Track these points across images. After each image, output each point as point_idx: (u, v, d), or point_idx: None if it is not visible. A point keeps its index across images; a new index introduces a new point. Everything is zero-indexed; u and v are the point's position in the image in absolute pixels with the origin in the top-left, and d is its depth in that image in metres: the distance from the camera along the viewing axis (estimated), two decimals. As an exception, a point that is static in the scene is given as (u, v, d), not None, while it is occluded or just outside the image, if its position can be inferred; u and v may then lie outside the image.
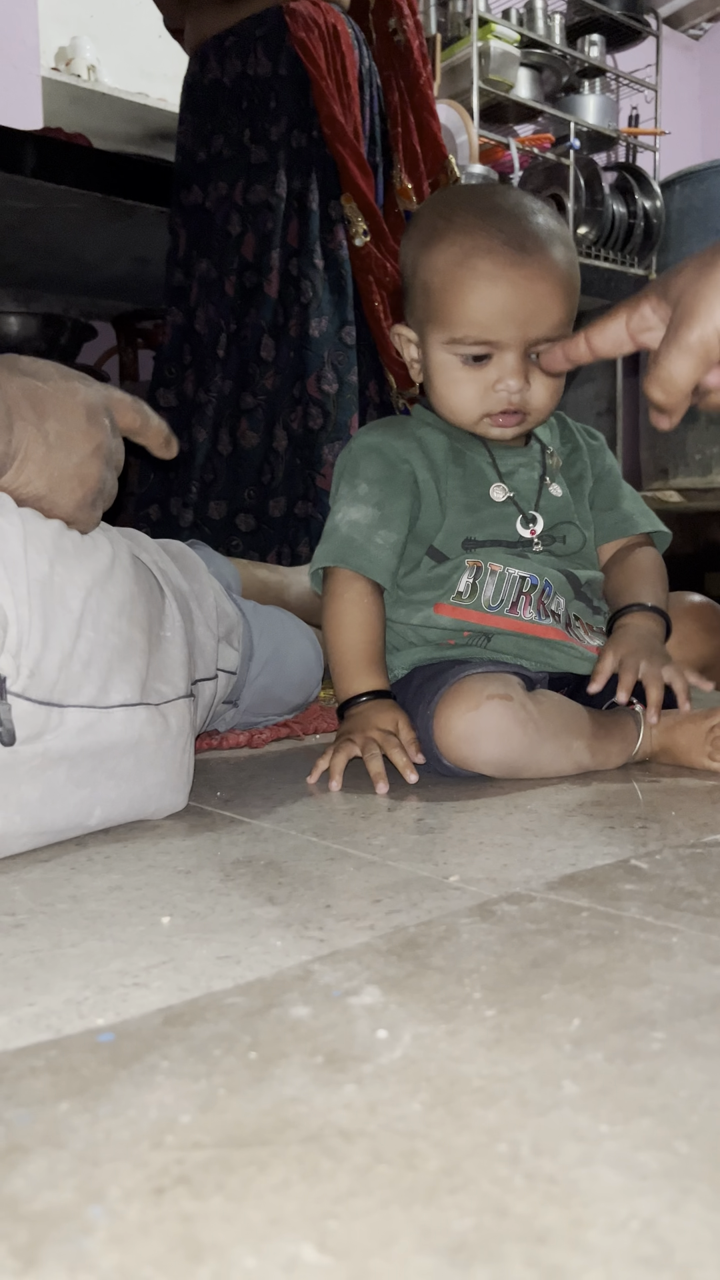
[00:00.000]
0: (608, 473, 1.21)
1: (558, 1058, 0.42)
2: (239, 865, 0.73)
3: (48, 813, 0.76)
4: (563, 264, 1.01)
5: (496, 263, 0.99)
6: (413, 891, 0.65)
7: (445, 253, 1.01)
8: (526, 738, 0.95)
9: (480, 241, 0.99)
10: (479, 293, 0.99)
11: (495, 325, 1.00)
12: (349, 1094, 0.40)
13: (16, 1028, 0.47)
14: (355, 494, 1.09)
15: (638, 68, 3.74)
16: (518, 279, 0.99)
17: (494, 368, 1.03)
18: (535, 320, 1.00)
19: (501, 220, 1.01)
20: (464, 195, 1.08)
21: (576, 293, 1.04)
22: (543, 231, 1.01)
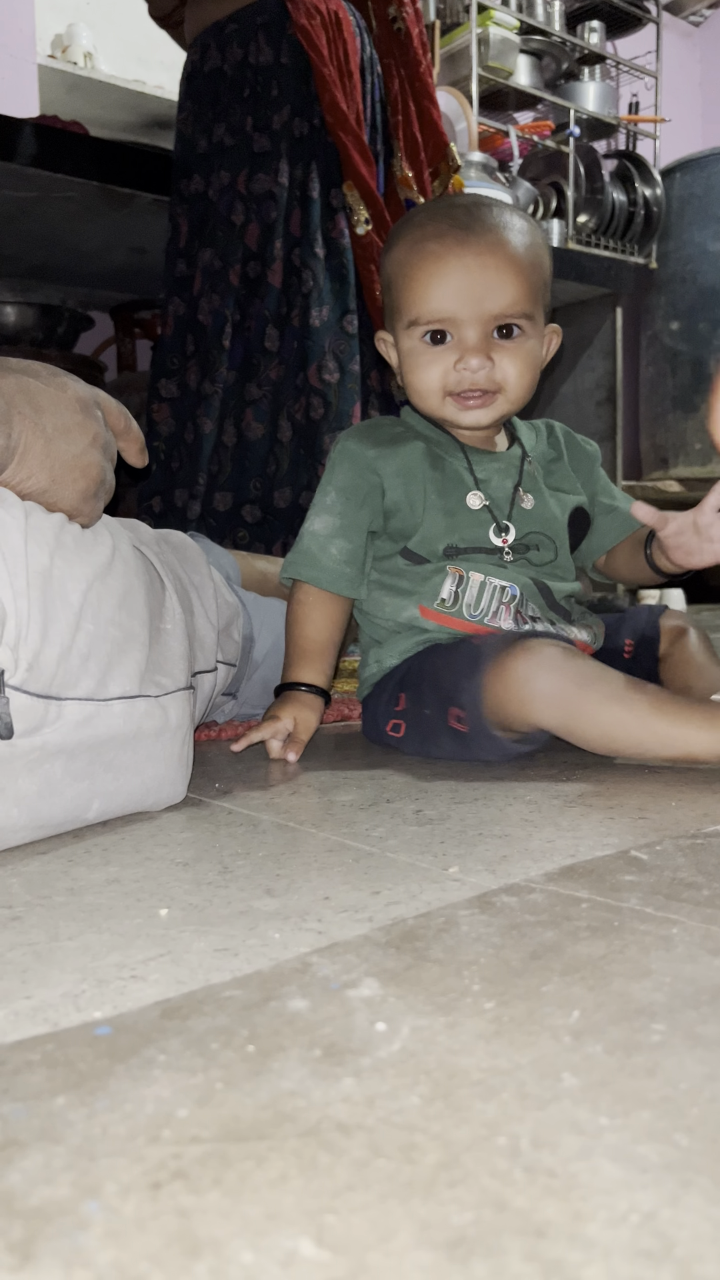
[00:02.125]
0: (597, 482, 1.22)
1: (557, 1050, 0.42)
2: (237, 857, 0.73)
3: (45, 806, 0.76)
4: (515, 243, 1.03)
5: (444, 243, 1.02)
6: (411, 883, 0.65)
7: (400, 246, 1.06)
8: (573, 676, 0.93)
9: (429, 229, 1.03)
10: (427, 271, 1.02)
11: (447, 302, 1.02)
12: (347, 1087, 0.39)
13: (13, 1021, 0.47)
14: (324, 502, 1.12)
15: (638, 54, 3.73)
16: (465, 255, 1.01)
17: (454, 347, 1.04)
18: (489, 296, 1.01)
19: (453, 210, 1.04)
20: (429, 203, 1.15)
21: (538, 275, 1.05)
22: (493, 216, 1.04)
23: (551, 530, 1.15)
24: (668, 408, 3.81)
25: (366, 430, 1.15)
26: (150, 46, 2.93)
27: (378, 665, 1.14)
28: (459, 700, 0.99)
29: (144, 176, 2.15)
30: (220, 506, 1.93)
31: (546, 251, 1.08)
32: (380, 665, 1.14)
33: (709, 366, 3.69)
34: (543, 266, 1.06)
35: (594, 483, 1.22)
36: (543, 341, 1.09)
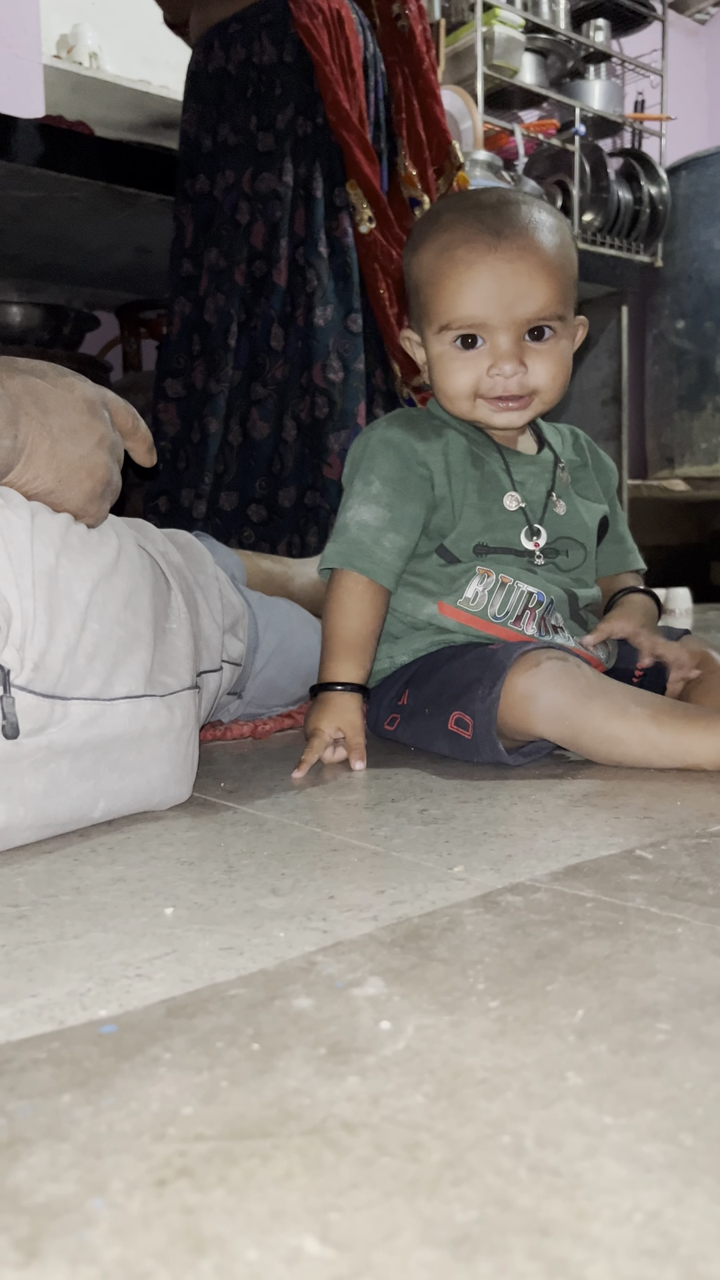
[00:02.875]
0: (613, 503, 1.23)
1: (562, 1049, 0.42)
2: (242, 856, 0.73)
3: (51, 805, 0.76)
4: (546, 245, 1.02)
5: (474, 248, 1.01)
6: (416, 882, 0.65)
7: (429, 249, 1.04)
8: (577, 690, 0.95)
9: (459, 233, 1.02)
10: (457, 278, 1.01)
11: (479, 307, 1.01)
12: (352, 1086, 0.40)
13: (19, 1019, 0.47)
14: (368, 491, 1.09)
15: (643, 52, 3.72)
16: (495, 261, 1.00)
17: (486, 352, 1.03)
18: (520, 300, 1.00)
19: (481, 212, 1.02)
20: (452, 199, 1.09)
21: (567, 274, 1.04)
22: (523, 217, 1.02)
23: (581, 535, 1.15)
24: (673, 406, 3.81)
25: (406, 421, 1.13)
26: (155, 46, 2.94)
27: (390, 661, 1.14)
28: (470, 708, 0.99)
29: (149, 176, 2.16)
30: (226, 506, 1.93)
31: (574, 246, 1.07)
32: (392, 661, 1.14)
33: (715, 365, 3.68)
34: (571, 263, 1.05)
35: (610, 503, 1.23)
36: (574, 338, 1.08)
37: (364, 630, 1.08)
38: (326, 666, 1.09)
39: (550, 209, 1.07)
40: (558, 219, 1.06)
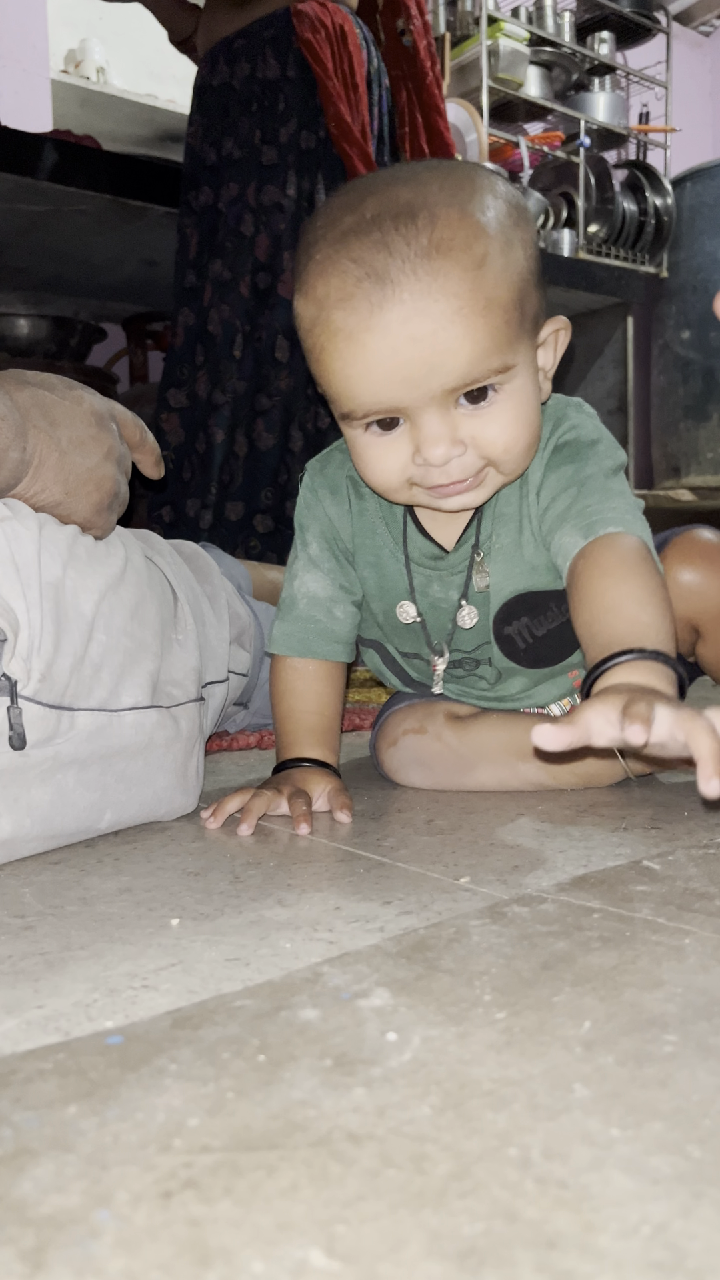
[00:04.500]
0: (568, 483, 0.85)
1: (569, 1061, 0.42)
2: (248, 867, 0.73)
3: (58, 816, 0.76)
4: (459, 278, 0.71)
5: (353, 310, 0.72)
6: (423, 893, 0.65)
7: (305, 306, 0.77)
8: (448, 766, 0.96)
9: (334, 285, 0.73)
10: (340, 356, 0.74)
11: (376, 392, 0.74)
12: (358, 1097, 0.39)
13: (25, 1030, 0.47)
14: (308, 554, 0.96)
15: (648, 65, 3.73)
16: (385, 326, 0.71)
17: (408, 434, 0.77)
18: (433, 372, 0.72)
19: (358, 240, 0.72)
20: (330, 204, 0.77)
21: (505, 302, 0.74)
22: (417, 239, 0.71)
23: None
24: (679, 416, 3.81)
25: (319, 467, 0.96)
26: (162, 61, 2.95)
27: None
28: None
29: (156, 190, 2.17)
30: (232, 516, 1.94)
31: (521, 247, 0.76)
32: None
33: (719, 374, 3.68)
34: (515, 279, 0.75)
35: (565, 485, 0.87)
36: (536, 368, 0.81)
37: (329, 711, 0.95)
38: (288, 748, 0.94)
39: (475, 193, 0.75)
40: (481, 212, 0.74)
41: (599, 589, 0.76)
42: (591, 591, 0.77)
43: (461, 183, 0.75)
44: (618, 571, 0.76)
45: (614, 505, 0.81)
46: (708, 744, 0.56)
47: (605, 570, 0.77)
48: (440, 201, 0.73)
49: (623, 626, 0.73)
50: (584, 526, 0.81)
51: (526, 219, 0.78)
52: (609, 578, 0.76)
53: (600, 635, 0.73)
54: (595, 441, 0.86)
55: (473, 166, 0.78)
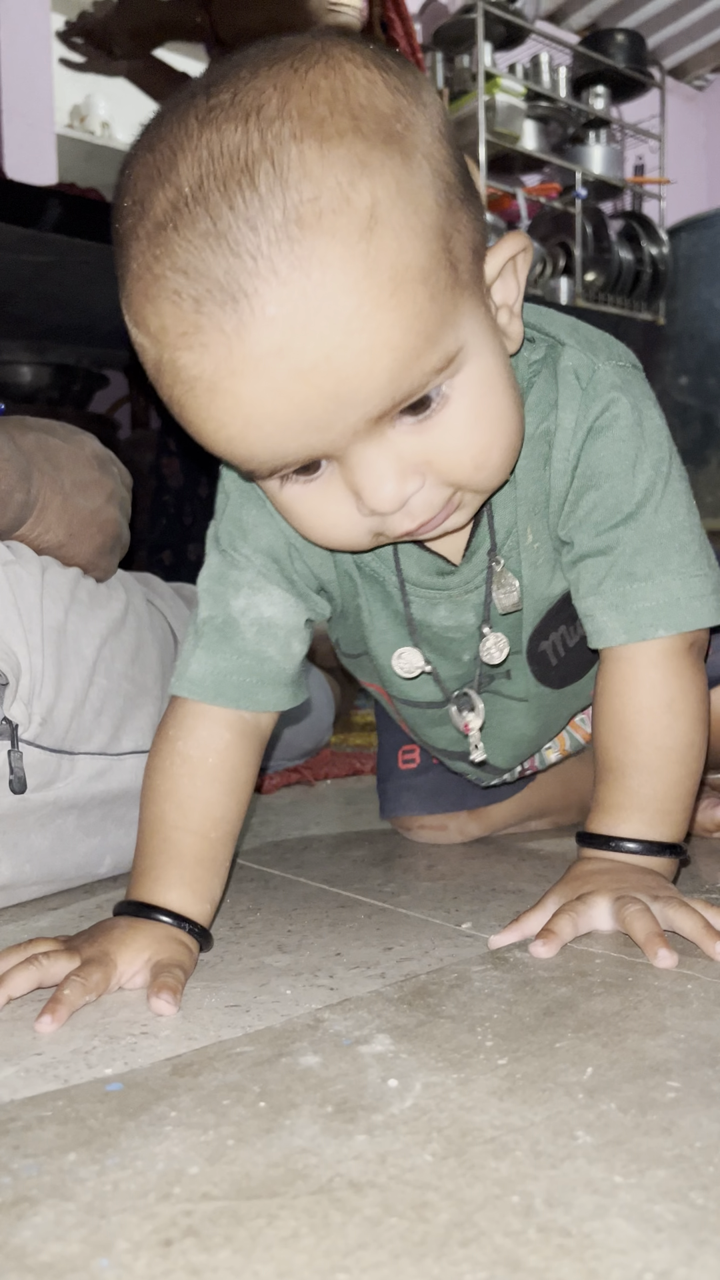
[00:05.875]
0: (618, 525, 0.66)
1: (571, 1107, 0.42)
2: (249, 913, 0.72)
3: (58, 861, 0.76)
4: (340, 259, 0.47)
5: (207, 353, 0.49)
6: (424, 939, 0.65)
7: (139, 337, 0.53)
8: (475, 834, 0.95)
9: (168, 315, 0.49)
10: (210, 415, 0.51)
11: (274, 448, 0.52)
12: (359, 1144, 0.39)
13: (24, 1077, 0.47)
14: (254, 566, 0.68)
15: (643, 118, 3.79)
16: (255, 368, 0.48)
17: (339, 476, 0.55)
18: (343, 404, 0.50)
19: (183, 242, 0.48)
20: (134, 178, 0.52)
21: (419, 263, 0.49)
22: (266, 217, 0.46)
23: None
24: (678, 462, 3.84)
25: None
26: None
27: None
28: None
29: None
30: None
31: (425, 149, 0.50)
32: None
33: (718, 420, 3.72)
34: (429, 216, 0.49)
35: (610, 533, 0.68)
36: (493, 323, 0.57)
37: (225, 830, 0.66)
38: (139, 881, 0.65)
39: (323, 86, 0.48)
40: (352, 122, 0.48)
41: (625, 731, 0.67)
42: (617, 726, 0.67)
43: (305, 78, 0.48)
44: (649, 711, 0.66)
45: (664, 575, 0.65)
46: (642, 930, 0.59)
47: (638, 704, 0.66)
48: (284, 132, 0.47)
49: (635, 790, 0.66)
50: (628, 616, 0.66)
51: (415, 90, 0.51)
52: (641, 717, 0.66)
53: (603, 794, 0.68)
54: (641, 444, 0.66)
55: (314, 41, 0.50)
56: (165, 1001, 0.54)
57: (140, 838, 0.66)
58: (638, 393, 0.67)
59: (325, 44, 0.50)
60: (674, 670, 0.66)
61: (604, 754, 0.68)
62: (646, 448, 0.66)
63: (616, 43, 3.60)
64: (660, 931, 0.58)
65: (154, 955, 0.59)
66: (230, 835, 0.66)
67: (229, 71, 0.49)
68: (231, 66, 0.50)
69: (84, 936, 0.60)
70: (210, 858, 0.65)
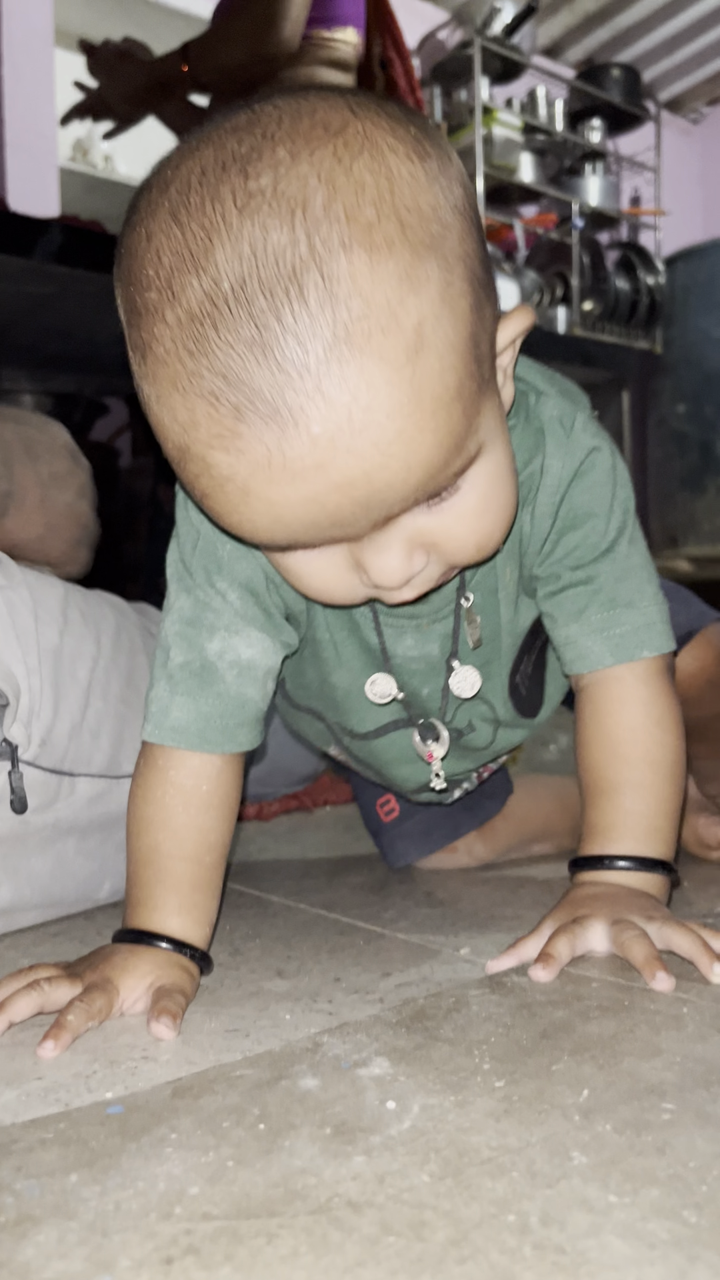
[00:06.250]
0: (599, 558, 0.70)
1: (567, 1128, 0.42)
2: (248, 939, 0.73)
3: (57, 885, 0.76)
4: (386, 383, 0.47)
5: (243, 457, 0.48)
6: (423, 964, 0.65)
7: (163, 420, 0.51)
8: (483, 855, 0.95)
9: (202, 415, 0.48)
10: (239, 512, 0.51)
11: (296, 537, 0.53)
12: (358, 1165, 0.40)
13: (25, 1101, 0.47)
14: (230, 605, 0.67)
15: (638, 150, 3.84)
16: (292, 479, 0.48)
17: (345, 549, 0.55)
18: (371, 509, 0.50)
19: (222, 345, 0.46)
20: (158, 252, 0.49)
21: (456, 380, 0.49)
22: (315, 333, 0.45)
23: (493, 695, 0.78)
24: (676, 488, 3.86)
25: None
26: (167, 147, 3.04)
27: None
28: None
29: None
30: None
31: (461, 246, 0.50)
32: None
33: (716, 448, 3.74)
34: (465, 323, 0.50)
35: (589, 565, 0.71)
36: (501, 410, 0.58)
37: (215, 855, 0.67)
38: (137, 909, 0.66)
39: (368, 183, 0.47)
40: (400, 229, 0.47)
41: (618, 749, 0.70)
42: (609, 745, 0.70)
43: (351, 171, 0.47)
44: (640, 728, 0.70)
45: (642, 602, 0.71)
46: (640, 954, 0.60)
47: (629, 722, 0.70)
48: (333, 238, 0.45)
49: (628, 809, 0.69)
50: (613, 639, 0.70)
51: (446, 170, 0.50)
52: (634, 734, 0.70)
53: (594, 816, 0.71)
54: (614, 482, 0.71)
55: (353, 117, 0.49)
56: (165, 1026, 0.55)
57: (133, 866, 0.66)
58: (607, 439, 0.72)
59: (365, 124, 0.48)
60: (658, 689, 0.71)
61: (594, 775, 0.71)
62: (619, 489, 0.71)
63: (612, 77, 3.65)
64: (657, 954, 0.59)
65: (156, 981, 0.59)
66: (222, 858, 0.68)
67: (263, 145, 0.47)
68: (264, 133, 0.48)
69: (85, 963, 0.61)
70: (205, 882, 0.66)
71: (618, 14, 3.99)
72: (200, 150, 0.49)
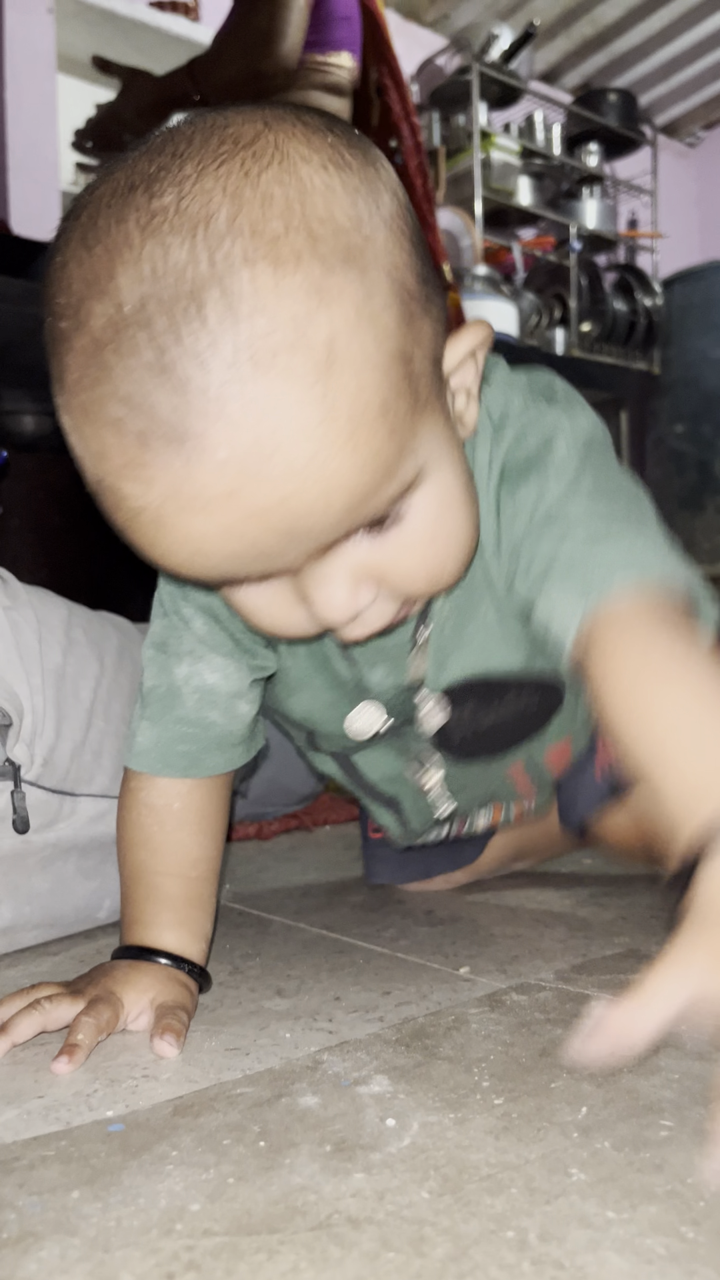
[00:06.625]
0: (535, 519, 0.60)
1: (566, 1145, 0.42)
2: (248, 958, 0.73)
3: (58, 904, 0.76)
4: (296, 403, 0.43)
5: (152, 487, 0.45)
6: (422, 983, 0.66)
7: (77, 446, 0.48)
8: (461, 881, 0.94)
9: (109, 444, 0.45)
10: (156, 545, 0.48)
11: (222, 571, 0.49)
12: (358, 1182, 0.40)
13: (26, 1120, 0.48)
14: (193, 631, 0.67)
15: (635, 174, 3.87)
16: (203, 508, 0.45)
17: (289, 582, 0.52)
18: (295, 538, 0.46)
19: (125, 370, 0.44)
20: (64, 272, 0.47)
21: (380, 397, 0.45)
22: (217, 354, 0.42)
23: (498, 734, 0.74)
24: (675, 508, 3.87)
25: None
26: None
27: None
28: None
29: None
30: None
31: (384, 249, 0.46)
32: None
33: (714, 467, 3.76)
34: (389, 337, 0.46)
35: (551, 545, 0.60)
36: (451, 426, 0.54)
37: (204, 870, 0.68)
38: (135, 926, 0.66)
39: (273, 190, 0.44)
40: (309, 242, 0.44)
41: (631, 704, 0.52)
42: (622, 706, 0.53)
43: (258, 184, 0.44)
44: (648, 666, 0.52)
45: (615, 539, 0.57)
46: None
47: (630, 667, 0.53)
48: (235, 252, 0.43)
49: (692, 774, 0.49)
50: (579, 583, 0.56)
51: (373, 183, 0.48)
52: (640, 681, 0.52)
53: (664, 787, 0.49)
54: (551, 439, 0.61)
55: (265, 129, 0.46)
56: (169, 1044, 0.55)
57: (125, 887, 0.67)
58: (555, 383, 0.63)
59: (279, 135, 0.46)
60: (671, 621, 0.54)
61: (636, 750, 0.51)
62: (568, 432, 0.61)
63: (609, 102, 3.68)
64: None
65: (157, 996, 0.59)
66: (211, 873, 0.67)
67: (171, 163, 0.45)
68: (174, 152, 0.45)
69: (86, 979, 0.61)
70: (196, 895, 0.66)
71: (614, 40, 4.02)
72: (114, 174, 0.47)
